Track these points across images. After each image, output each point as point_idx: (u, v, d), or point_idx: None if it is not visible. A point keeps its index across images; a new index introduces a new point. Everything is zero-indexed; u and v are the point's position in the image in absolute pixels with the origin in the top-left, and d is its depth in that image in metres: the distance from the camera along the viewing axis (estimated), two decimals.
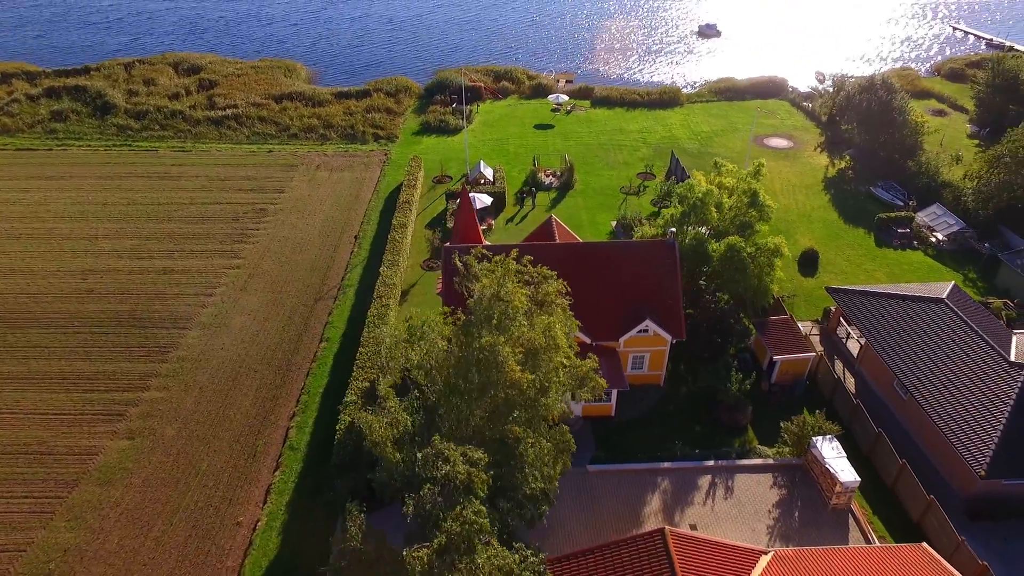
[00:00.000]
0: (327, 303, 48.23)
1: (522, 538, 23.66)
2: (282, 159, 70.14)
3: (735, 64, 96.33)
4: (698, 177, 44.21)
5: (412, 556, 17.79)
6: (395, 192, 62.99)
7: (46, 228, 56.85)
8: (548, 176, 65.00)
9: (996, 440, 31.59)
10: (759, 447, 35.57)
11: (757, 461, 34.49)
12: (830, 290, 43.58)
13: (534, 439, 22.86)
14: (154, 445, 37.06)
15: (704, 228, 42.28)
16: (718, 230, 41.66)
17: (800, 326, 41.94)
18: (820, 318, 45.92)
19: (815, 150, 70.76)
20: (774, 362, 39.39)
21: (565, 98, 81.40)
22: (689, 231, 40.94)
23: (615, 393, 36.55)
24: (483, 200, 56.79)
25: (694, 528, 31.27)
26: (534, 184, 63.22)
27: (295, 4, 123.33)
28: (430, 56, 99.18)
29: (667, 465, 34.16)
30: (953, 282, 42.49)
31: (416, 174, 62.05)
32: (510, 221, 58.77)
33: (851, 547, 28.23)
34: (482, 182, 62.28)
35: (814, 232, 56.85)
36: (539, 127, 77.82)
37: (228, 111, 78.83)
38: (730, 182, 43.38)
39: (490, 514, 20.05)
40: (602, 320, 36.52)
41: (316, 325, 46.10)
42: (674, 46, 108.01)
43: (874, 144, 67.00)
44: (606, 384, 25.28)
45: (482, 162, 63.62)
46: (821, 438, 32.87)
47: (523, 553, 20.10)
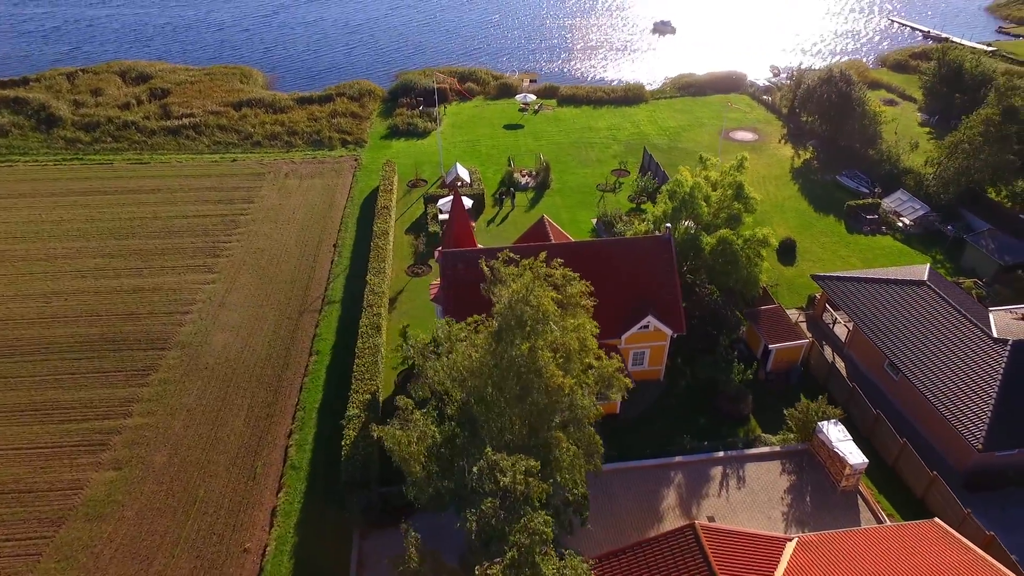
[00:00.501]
0: (313, 315, 46.78)
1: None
2: (248, 168, 67.84)
3: (693, 60, 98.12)
4: (684, 172, 44.64)
5: (486, 574, 17.16)
6: (370, 198, 61.72)
7: None
8: (524, 176, 64.77)
9: (989, 414, 32.89)
10: (764, 435, 36.15)
11: (764, 449, 35.04)
12: (815, 277, 44.72)
13: (567, 443, 22.55)
14: (144, 474, 35.14)
15: (688, 222, 42.77)
16: (707, 224, 42.17)
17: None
18: (805, 305, 47.07)
19: (779, 142, 72.71)
20: (769, 351, 40.12)
21: (533, 97, 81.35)
22: (680, 226, 41.33)
23: None
24: (464, 203, 56.05)
25: (712, 520, 31.51)
26: (511, 184, 62.89)
27: (244, 9, 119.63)
28: (391, 59, 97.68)
29: (678, 459, 34.36)
30: (928, 264, 44.22)
31: (391, 179, 60.89)
32: (491, 222, 58.28)
33: (869, 528, 28.92)
34: (459, 184, 61.57)
35: (788, 222, 58.30)
36: (509, 127, 77.52)
37: (185, 120, 75.83)
38: (715, 176, 43.99)
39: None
40: (604, 318, 36.17)
41: (304, 338, 44.64)
42: (632, 44, 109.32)
43: (835, 134, 69.45)
44: (631, 383, 25.20)
45: (458, 164, 62.91)
46: (827, 422, 33.63)
47: (573, 560, 19.77)
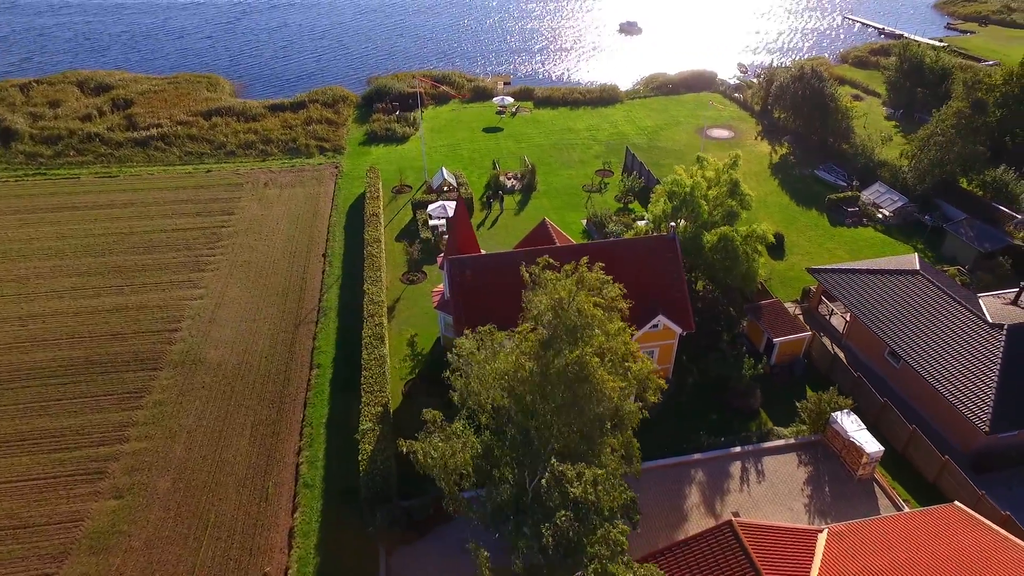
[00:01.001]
0: (309, 327, 45.54)
1: None
2: (224, 178, 65.83)
3: (662, 60, 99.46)
4: (679, 171, 45.01)
5: None
6: (355, 205, 60.58)
7: None
8: (510, 179, 64.48)
9: (992, 397, 33.98)
10: (776, 428, 36.62)
11: (779, 442, 35.49)
12: (811, 270, 45.61)
13: (611, 449, 22.35)
14: (149, 501, 33.58)
15: (682, 221, 43.13)
16: (705, 222, 42.55)
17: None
18: (799, 298, 47.96)
19: (755, 138, 74.18)
20: (773, 344, 40.71)
21: (510, 100, 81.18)
22: (681, 224, 41.65)
23: None
24: (453, 208, 55.44)
25: (737, 515, 31.65)
26: (498, 188, 62.51)
27: (204, 16, 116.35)
28: (361, 64, 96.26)
29: (697, 456, 34.52)
30: (916, 254, 45.55)
31: (377, 185, 59.90)
32: (480, 226, 57.77)
33: (892, 515, 29.47)
34: (446, 189, 60.97)
35: (772, 216, 59.36)
36: (488, 130, 77.15)
37: (153, 131, 73.27)
38: (711, 174, 44.45)
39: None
40: None
41: (302, 352, 43.41)
42: (601, 45, 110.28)
43: (809, 130, 71.17)
44: (665, 384, 25.14)
45: (444, 169, 62.25)
46: (840, 413, 34.24)
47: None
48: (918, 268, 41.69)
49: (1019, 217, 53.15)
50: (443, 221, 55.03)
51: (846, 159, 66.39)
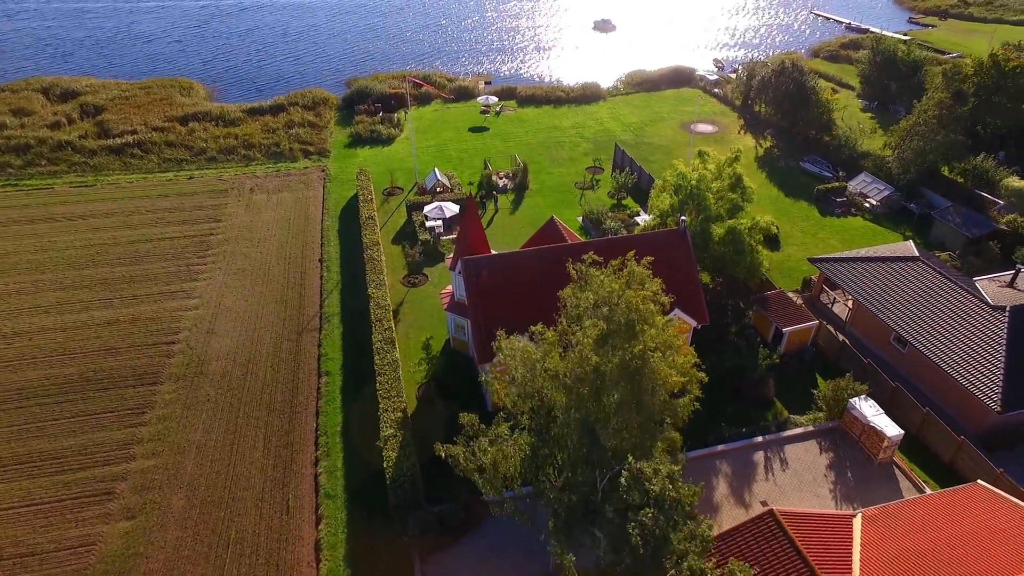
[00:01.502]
0: (313, 334, 44.47)
1: None
2: (207, 185, 63.97)
3: (639, 57, 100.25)
4: (679, 165, 45.26)
5: None
6: (347, 209, 59.49)
7: None
8: (502, 178, 64.10)
9: (1001, 377, 34.92)
10: (793, 417, 37.04)
11: (798, 430, 35.87)
12: (813, 260, 46.32)
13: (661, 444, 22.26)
14: (164, 520, 32.30)
15: (684, 216, 43.37)
16: (710, 215, 42.86)
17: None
18: (800, 288, 48.69)
19: (739, 132, 75.18)
20: (783, 334, 41.20)
21: (494, 99, 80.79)
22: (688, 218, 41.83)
23: None
24: (451, 208, 54.96)
25: (765, 504, 31.96)
26: (491, 187, 62.05)
27: (170, 20, 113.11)
28: (340, 66, 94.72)
29: (721, 448, 34.66)
30: (911, 241, 46.67)
31: (369, 188, 58.97)
32: None
33: (921, 496, 30.01)
34: (439, 190, 60.32)
35: (763, 209, 59.84)
36: (474, 130, 76.63)
37: (128, 138, 70.85)
38: (713, 168, 44.80)
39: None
40: None
41: (309, 360, 42.35)
42: (578, 43, 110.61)
43: (791, 123, 72.46)
44: (705, 377, 25.14)
45: (436, 170, 61.57)
46: (857, 399, 34.78)
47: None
48: (917, 254, 42.66)
49: (1001, 203, 54.90)
50: (440, 222, 54.41)
51: (830, 151, 67.72)
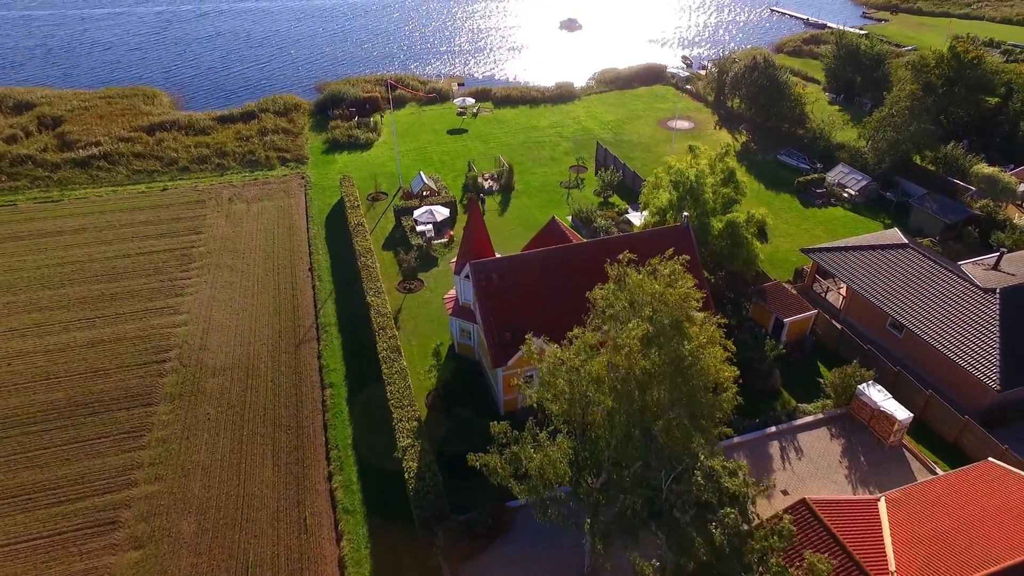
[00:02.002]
0: (311, 345, 43.32)
1: None
2: (183, 196, 61.86)
3: (608, 55, 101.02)
4: (672, 161, 45.58)
5: None
6: (332, 216, 58.26)
7: None
8: (487, 180, 63.68)
9: (998, 357, 36.14)
10: (801, 406, 37.65)
11: (809, 419, 36.46)
12: (805, 250, 47.23)
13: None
14: (175, 547, 30.93)
15: (685, 212, 43.74)
16: (707, 210, 43.29)
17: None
18: (792, 278, 49.59)
19: (715, 128, 76.31)
20: (783, 324, 41.87)
21: (471, 101, 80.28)
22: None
23: None
24: (441, 212, 54.34)
25: (786, 493, 32.40)
26: (477, 190, 61.57)
27: (125, 27, 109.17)
28: (308, 71, 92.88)
29: (737, 439, 34.97)
30: (895, 228, 48.01)
31: (354, 194, 57.85)
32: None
33: (937, 477, 30.78)
34: (426, 194, 59.54)
35: (748, 202, 60.82)
36: (452, 132, 76.00)
37: (93, 150, 68.10)
38: (705, 164, 45.25)
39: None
40: None
41: (310, 372, 41.22)
42: (547, 42, 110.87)
43: (765, 117, 73.88)
44: (737, 371, 25.27)
45: (422, 173, 60.77)
46: (865, 385, 35.53)
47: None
48: (905, 241, 43.90)
49: (973, 189, 56.97)
50: (430, 226, 53.72)
51: (804, 143, 69.28)
